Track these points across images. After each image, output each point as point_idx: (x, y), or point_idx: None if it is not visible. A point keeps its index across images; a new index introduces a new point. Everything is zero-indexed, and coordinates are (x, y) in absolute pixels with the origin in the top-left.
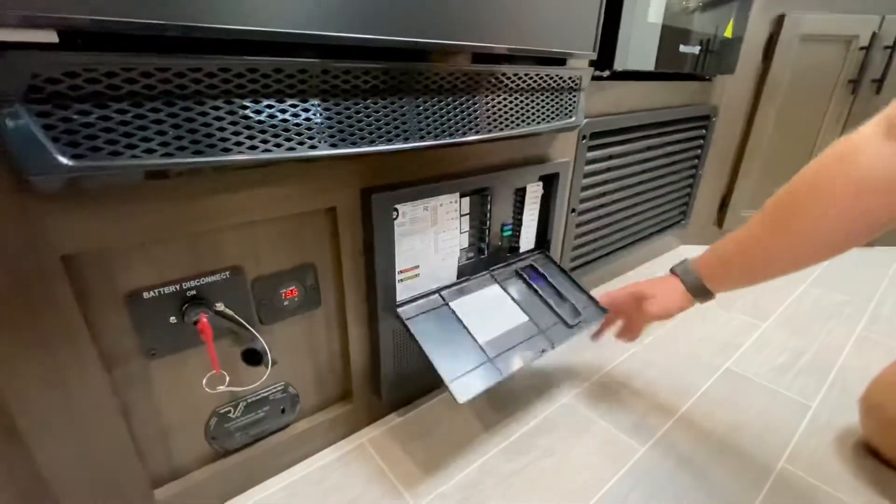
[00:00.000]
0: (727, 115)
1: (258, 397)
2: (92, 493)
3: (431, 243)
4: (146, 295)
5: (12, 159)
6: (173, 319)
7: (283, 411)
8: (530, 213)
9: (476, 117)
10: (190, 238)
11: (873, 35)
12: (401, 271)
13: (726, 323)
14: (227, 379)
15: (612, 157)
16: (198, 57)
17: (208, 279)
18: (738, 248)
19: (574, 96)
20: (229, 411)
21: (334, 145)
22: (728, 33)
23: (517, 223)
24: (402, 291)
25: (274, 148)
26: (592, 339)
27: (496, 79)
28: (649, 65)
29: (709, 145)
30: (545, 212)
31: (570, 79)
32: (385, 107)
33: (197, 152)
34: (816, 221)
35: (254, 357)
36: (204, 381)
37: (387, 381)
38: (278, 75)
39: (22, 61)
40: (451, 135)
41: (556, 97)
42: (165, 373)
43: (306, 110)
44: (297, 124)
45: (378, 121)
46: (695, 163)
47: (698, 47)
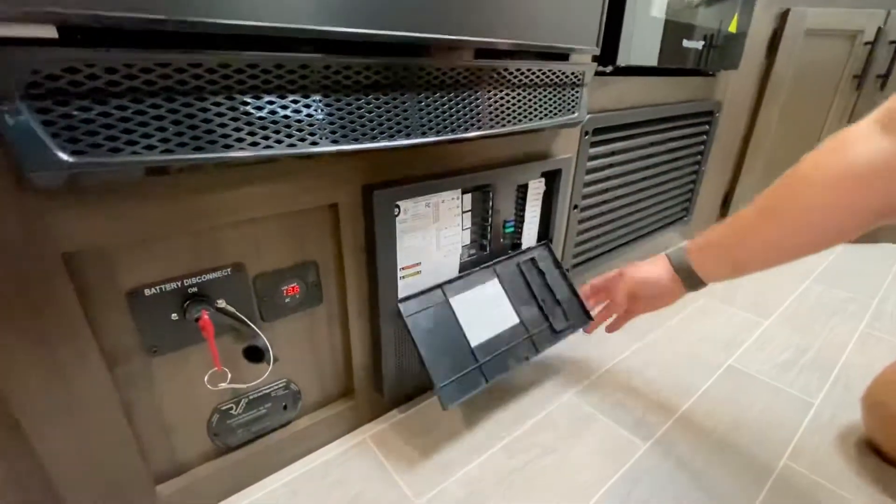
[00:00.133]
0: (731, 111)
1: (260, 394)
2: (95, 490)
3: (433, 240)
4: (147, 292)
5: (12, 156)
6: (175, 316)
7: (285, 408)
8: (532, 209)
9: (478, 113)
10: (191, 235)
11: (878, 30)
12: (402, 268)
13: (728, 320)
14: (229, 376)
15: (614, 154)
16: (198, 52)
17: (210, 276)
18: (729, 231)
19: (577, 92)
20: (231, 408)
21: (336, 141)
22: (732, 28)
23: (519, 220)
24: (403, 288)
25: (275, 144)
26: (585, 332)
27: (498, 74)
28: (652, 60)
29: (712, 141)
30: (547, 208)
31: (572, 74)
32: (387, 102)
33: (197, 148)
34: (806, 211)
35: (255, 354)
36: (206, 378)
37: (388, 377)
38: (279, 71)
39: (21, 57)
40: (452, 131)
41: (559, 93)
42: (167, 370)
43: (308, 106)
44: (299, 120)
45: (380, 116)
46: (698, 159)
47: (702, 42)
